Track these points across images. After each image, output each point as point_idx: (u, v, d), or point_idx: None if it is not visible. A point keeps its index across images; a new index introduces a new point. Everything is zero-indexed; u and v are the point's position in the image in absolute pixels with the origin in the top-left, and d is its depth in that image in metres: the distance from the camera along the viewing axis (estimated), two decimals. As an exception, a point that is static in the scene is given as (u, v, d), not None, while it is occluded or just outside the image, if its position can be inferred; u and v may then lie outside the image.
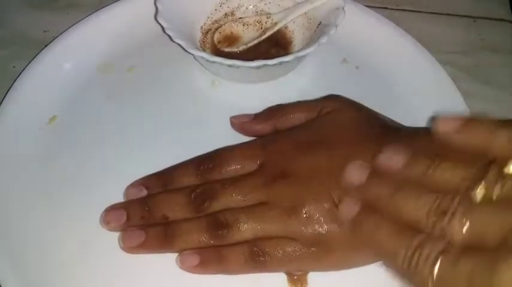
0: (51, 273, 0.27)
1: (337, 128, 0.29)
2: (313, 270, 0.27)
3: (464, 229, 0.19)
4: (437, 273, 0.19)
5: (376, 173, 0.24)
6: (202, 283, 0.27)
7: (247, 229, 0.26)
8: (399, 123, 0.30)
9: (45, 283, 0.27)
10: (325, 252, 0.26)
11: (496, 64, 0.41)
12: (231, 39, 0.38)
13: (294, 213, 0.26)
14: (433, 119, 0.24)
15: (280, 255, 0.26)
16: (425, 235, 0.20)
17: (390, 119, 0.31)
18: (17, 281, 0.26)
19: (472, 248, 0.19)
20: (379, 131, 0.29)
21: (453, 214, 0.20)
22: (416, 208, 0.21)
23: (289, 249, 0.26)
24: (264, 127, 0.31)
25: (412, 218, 0.21)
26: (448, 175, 0.22)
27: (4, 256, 0.27)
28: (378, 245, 0.22)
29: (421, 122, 0.32)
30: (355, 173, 0.25)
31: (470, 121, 0.23)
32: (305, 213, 0.26)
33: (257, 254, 0.26)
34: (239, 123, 0.32)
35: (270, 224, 0.26)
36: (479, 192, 0.20)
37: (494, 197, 0.20)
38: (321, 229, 0.25)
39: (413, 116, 0.32)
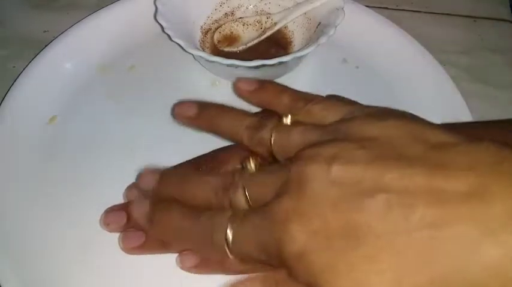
0: (51, 273, 0.27)
1: None
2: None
3: (243, 196, 0.23)
4: (230, 238, 0.22)
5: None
6: (203, 283, 0.27)
7: None
8: None
9: (45, 283, 0.27)
10: None
11: (496, 64, 0.41)
12: (231, 39, 0.38)
13: None
14: (236, 80, 0.29)
15: None
16: (214, 210, 0.23)
17: None
18: (17, 281, 0.26)
19: (255, 210, 0.22)
20: None
21: (234, 187, 0.23)
22: (204, 190, 0.25)
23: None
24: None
25: (203, 201, 0.24)
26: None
27: (4, 256, 0.27)
28: (175, 234, 0.25)
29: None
30: (147, 179, 0.27)
31: (263, 85, 0.28)
32: None
33: None
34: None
35: None
36: (251, 163, 0.24)
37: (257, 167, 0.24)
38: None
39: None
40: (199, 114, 0.28)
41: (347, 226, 0.18)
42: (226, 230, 0.22)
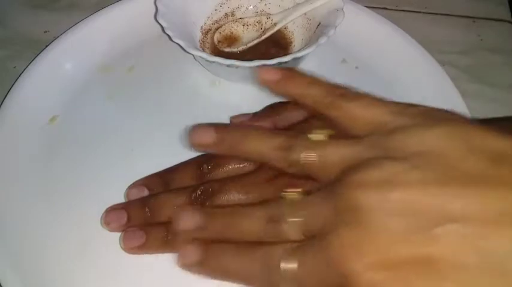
0: (51, 273, 0.27)
1: None
2: None
3: (294, 229, 0.21)
4: (288, 272, 0.20)
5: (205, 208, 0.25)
6: (203, 283, 0.27)
7: None
8: None
9: (45, 283, 0.27)
10: None
11: (495, 64, 0.41)
12: (231, 40, 0.38)
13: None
14: (259, 69, 0.26)
15: None
16: (266, 245, 0.21)
17: None
18: (17, 281, 0.26)
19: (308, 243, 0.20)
20: None
21: (281, 220, 0.21)
22: (251, 224, 0.22)
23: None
24: (263, 125, 0.31)
25: (251, 235, 0.22)
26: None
27: (4, 256, 0.27)
28: (228, 271, 0.23)
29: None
30: (186, 219, 0.24)
31: (288, 74, 0.25)
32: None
33: None
34: (239, 122, 0.32)
35: None
36: (290, 195, 0.22)
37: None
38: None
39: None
40: (220, 139, 0.25)
41: (420, 260, 0.17)
42: (285, 267, 0.20)
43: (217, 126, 0.25)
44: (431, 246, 0.17)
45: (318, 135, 0.22)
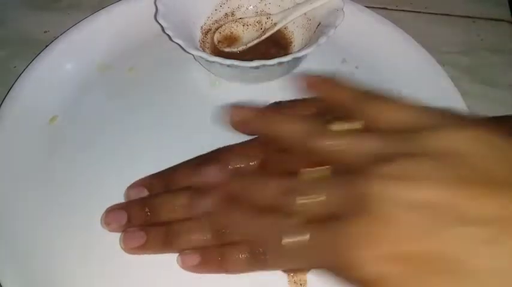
0: (51, 273, 0.27)
1: None
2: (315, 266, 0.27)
3: (306, 206, 0.21)
4: (289, 244, 0.21)
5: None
6: (203, 283, 0.27)
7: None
8: None
9: (46, 283, 0.27)
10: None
11: (495, 64, 0.41)
12: (231, 40, 0.38)
13: None
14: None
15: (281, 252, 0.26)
16: (279, 213, 0.22)
17: None
18: (17, 281, 0.26)
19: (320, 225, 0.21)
20: None
21: (294, 194, 0.22)
22: (266, 193, 0.24)
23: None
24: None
25: (266, 202, 0.23)
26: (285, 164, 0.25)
27: (4, 256, 0.27)
28: (241, 228, 0.24)
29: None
30: (212, 173, 0.27)
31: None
32: None
33: (258, 252, 0.26)
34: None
35: None
36: (308, 174, 0.23)
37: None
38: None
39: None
40: (257, 117, 0.27)
41: (432, 257, 0.17)
42: (297, 236, 0.21)
43: (253, 107, 0.28)
44: (445, 245, 0.17)
45: (350, 125, 0.23)
